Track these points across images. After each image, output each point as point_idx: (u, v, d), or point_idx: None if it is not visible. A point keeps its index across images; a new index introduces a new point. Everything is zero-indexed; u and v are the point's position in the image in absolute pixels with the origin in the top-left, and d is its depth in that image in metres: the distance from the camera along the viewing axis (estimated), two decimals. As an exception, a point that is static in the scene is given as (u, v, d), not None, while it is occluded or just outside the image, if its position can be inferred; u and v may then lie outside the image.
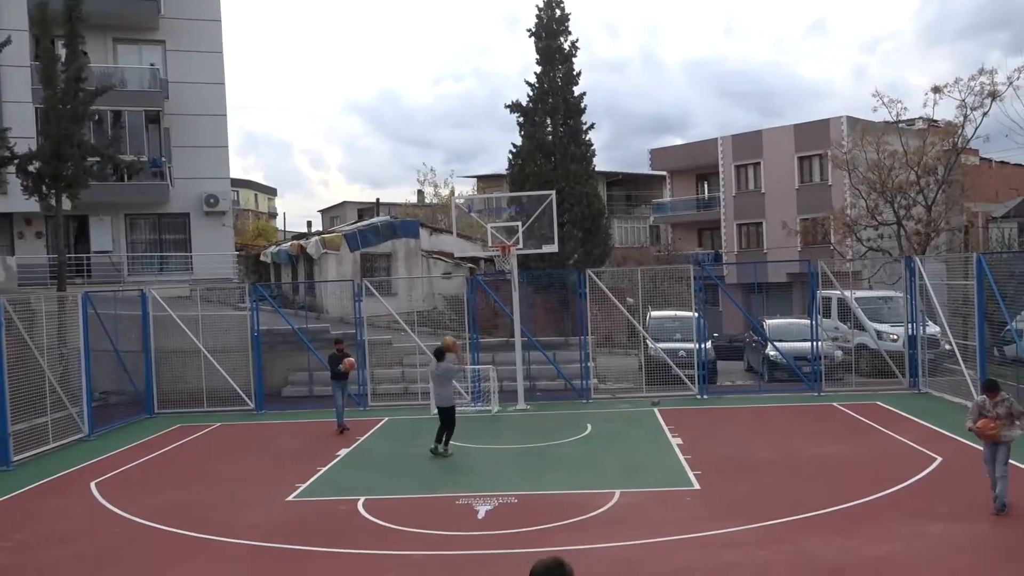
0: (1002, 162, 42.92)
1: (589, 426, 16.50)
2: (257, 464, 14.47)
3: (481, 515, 10.65)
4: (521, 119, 27.83)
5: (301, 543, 9.78)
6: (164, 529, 10.61)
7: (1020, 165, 46.45)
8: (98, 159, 21.98)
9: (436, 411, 14.54)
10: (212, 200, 27.98)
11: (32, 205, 22.93)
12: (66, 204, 21.92)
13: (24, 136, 22.17)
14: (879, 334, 21.13)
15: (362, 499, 11.55)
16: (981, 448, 12.04)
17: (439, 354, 14.68)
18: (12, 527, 11.05)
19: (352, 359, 17.17)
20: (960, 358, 17.57)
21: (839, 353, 21.36)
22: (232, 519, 10.90)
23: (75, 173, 20.77)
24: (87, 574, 9.08)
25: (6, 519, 11.51)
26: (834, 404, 17.85)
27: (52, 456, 15.65)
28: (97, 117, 24.95)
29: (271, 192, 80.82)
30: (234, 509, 11.43)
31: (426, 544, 9.56)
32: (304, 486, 12.53)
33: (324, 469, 13.64)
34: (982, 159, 39.77)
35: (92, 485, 13.16)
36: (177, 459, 15.20)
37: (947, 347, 19.46)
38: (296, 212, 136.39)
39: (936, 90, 28.44)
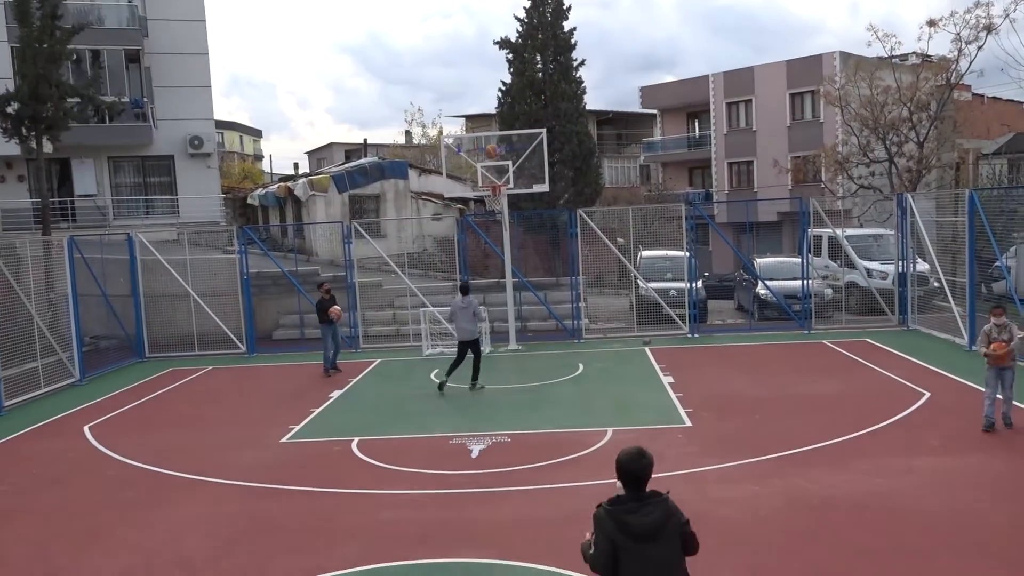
0: (994, 98, 42.55)
1: (581, 365, 16.58)
2: (250, 406, 14.50)
3: (475, 454, 10.72)
4: (510, 56, 27.34)
5: (296, 483, 9.85)
6: (159, 471, 10.66)
7: (1012, 101, 46.05)
8: (78, 100, 21.50)
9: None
10: (196, 142, 27.52)
11: (12, 148, 22.48)
12: (47, 147, 21.51)
13: (1, 77, 21.63)
14: (869, 272, 21.18)
15: (356, 439, 11.61)
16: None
17: (464, 289, 15.06)
18: (6, 471, 11.09)
19: (338, 308, 16.91)
20: (949, 295, 17.65)
21: (829, 291, 21.44)
22: (227, 460, 10.95)
23: (55, 115, 20.35)
24: (83, 516, 9.12)
25: (0, 463, 11.53)
26: (824, 342, 17.97)
27: (44, 401, 15.65)
28: (75, 56, 24.34)
29: (256, 134, 79.71)
30: (229, 450, 11.47)
31: (420, 483, 9.63)
32: (298, 427, 12.58)
33: (318, 411, 13.69)
34: (974, 95, 39.41)
35: (85, 429, 13.18)
36: (170, 402, 15.22)
37: (935, 284, 19.55)
38: (282, 154, 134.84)
39: (931, 23, 28.07)
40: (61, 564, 7.85)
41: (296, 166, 55.14)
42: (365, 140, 46.25)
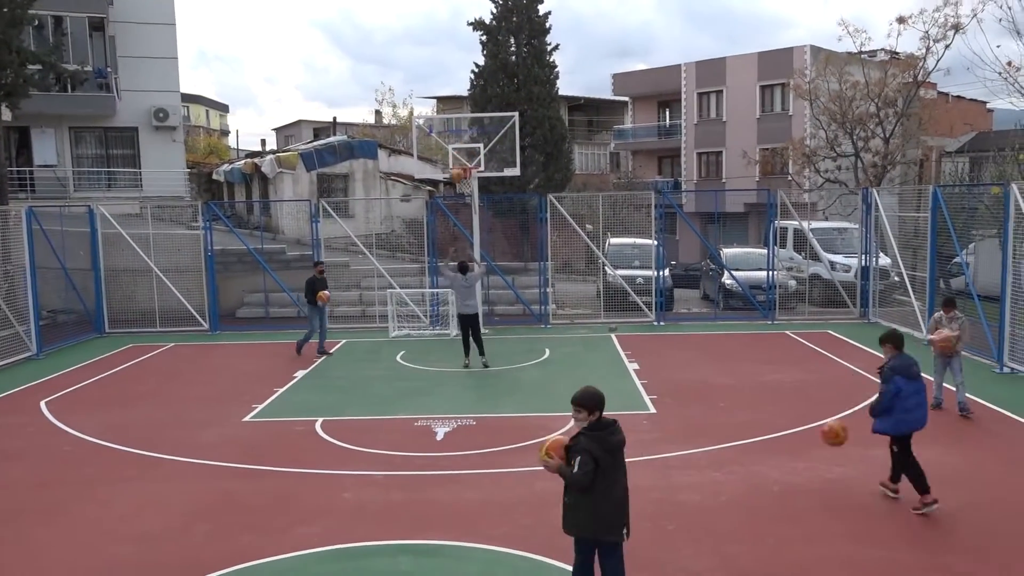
0: (959, 96, 43.28)
1: (547, 351, 16.61)
2: (213, 384, 14.32)
3: (440, 436, 10.71)
4: (484, 38, 27.11)
5: (258, 463, 9.76)
6: (117, 448, 10.49)
7: (976, 100, 46.85)
8: (39, 67, 20.94)
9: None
10: (161, 114, 26.98)
11: (-30, 114, 21.86)
12: (6, 114, 20.94)
13: (-42, 40, 20.96)
14: (832, 265, 21.47)
15: (320, 420, 11.53)
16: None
17: (463, 268, 15.42)
18: (-41, 445, 10.83)
19: (327, 292, 16.63)
20: (910, 289, 17.96)
21: (793, 283, 21.71)
22: (188, 438, 10.81)
23: (15, 81, 19.82)
24: (40, 491, 8.95)
25: (-47, 437, 11.27)
26: (787, 332, 18.20)
27: (-1, 374, 15.32)
28: (37, 22, 23.67)
29: (223, 108, 78.43)
30: (189, 428, 11.32)
31: (384, 464, 9.60)
32: (261, 407, 12.46)
33: (281, 390, 13.57)
34: (940, 93, 40.04)
35: (42, 404, 12.93)
36: (129, 378, 14.97)
37: (896, 279, 19.88)
38: (249, 130, 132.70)
39: (901, 20, 28.39)
40: (14, 539, 7.70)
41: (263, 143, 54.47)
42: (334, 118, 45.70)
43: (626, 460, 5.72)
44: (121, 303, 20.43)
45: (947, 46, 28.22)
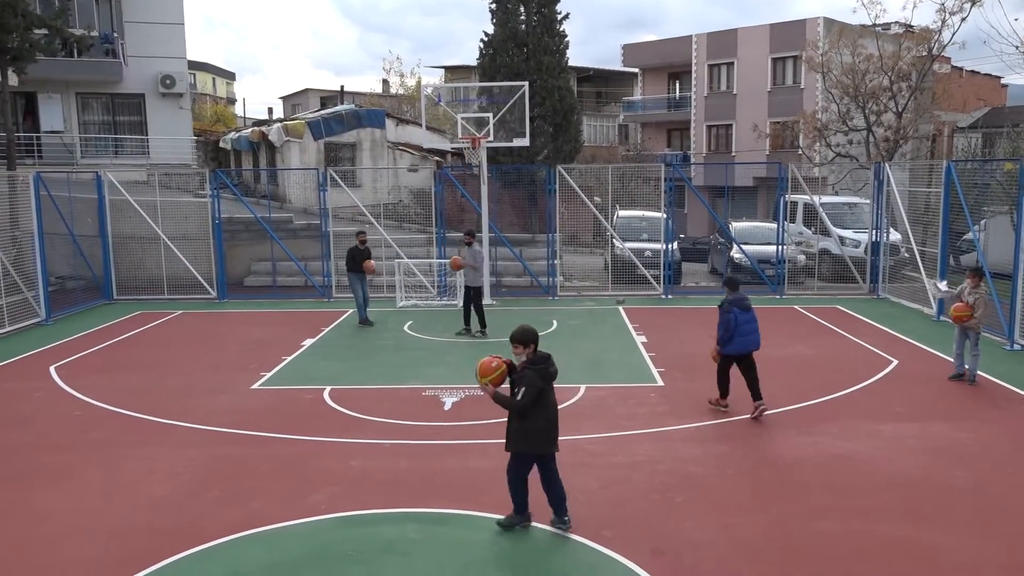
0: (973, 71, 42.75)
1: (555, 322, 16.60)
2: (221, 352, 14.36)
3: (447, 406, 10.73)
4: (494, 6, 26.79)
5: (267, 430, 9.79)
6: (127, 414, 10.54)
7: (990, 75, 46.26)
8: (45, 31, 20.77)
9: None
10: (168, 81, 26.79)
11: (-24, 79, 21.74)
12: (12, 79, 20.82)
13: (-36, 3, 20.78)
14: (842, 240, 21.34)
15: (328, 388, 11.56)
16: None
17: (471, 236, 15.70)
18: (-31, 409, 10.89)
19: (373, 263, 16.52)
20: (920, 265, 17.85)
21: (802, 257, 21.60)
22: (196, 405, 10.86)
23: (20, 46, 19.64)
24: (50, 456, 9.01)
25: (-37, 401, 11.34)
26: (795, 307, 18.14)
27: (8, 339, 15.38)
28: (43, -15, 23.46)
29: (230, 76, 77.88)
30: (198, 395, 11.36)
31: (392, 433, 9.63)
32: (269, 374, 12.49)
33: (289, 358, 13.60)
34: (953, 67, 39.53)
35: (51, 369, 12.99)
36: (138, 345, 15.02)
37: (906, 254, 19.76)
38: (256, 98, 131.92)
39: (917, -8, 27.91)
40: (25, 502, 7.76)
41: (270, 111, 54.17)
42: (342, 87, 45.40)
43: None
44: (129, 270, 20.46)
45: (963, 19, 27.77)
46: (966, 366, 11.46)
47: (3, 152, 21.35)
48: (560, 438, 9.22)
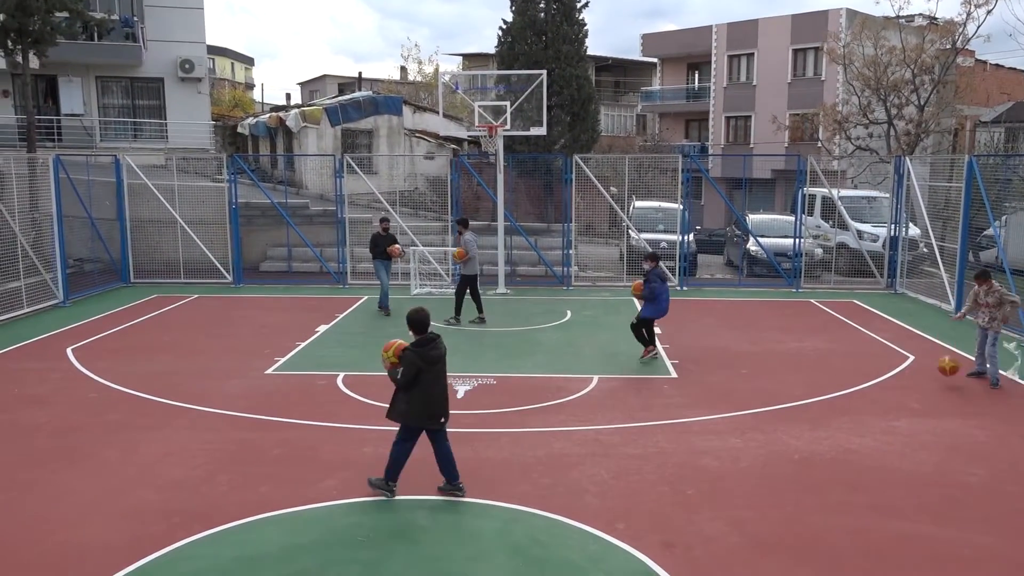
0: (997, 65, 42.19)
1: (569, 312, 16.57)
2: (236, 336, 14.43)
3: (460, 395, 10.74)
4: (513, -7, 26.67)
5: (280, 415, 9.84)
6: (142, 396, 10.62)
7: (1014, 69, 45.66)
8: (66, 14, 20.86)
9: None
10: (187, 65, 26.91)
11: (-2, 62, 21.93)
12: (33, 62, 20.94)
13: (-14, -14, 20.91)
14: (860, 234, 21.16)
15: (341, 374, 11.60)
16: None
17: (464, 226, 15.56)
18: (-12, 389, 11.01)
19: (399, 247, 16.33)
20: (939, 260, 17.67)
21: (819, 251, 21.44)
22: (211, 389, 10.92)
23: (42, 28, 19.76)
24: (66, 436, 9.10)
25: (-18, 381, 11.46)
26: (811, 301, 18.02)
27: (27, 321, 15.52)
28: (64, -31, 23.51)
29: (248, 62, 77.99)
30: (213, 379, 11.44)
31: (405, 420, 9.63)
32: (283, 360, 12.55)
33: (303, 344, 13.65)
34: (977, 61, 39.02)
35: (68, 351, 13.10)
36: (154, 328, 15.12)
37: (924, 249, 19.58)
38: (275, 84, 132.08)
39: (942, -16, 27.54)
40: (41, 482, 7.84)
41: (288, 96, 54.21)
42: (360, 73, 45.41)
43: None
44: (146, 253, 20.59)
45: (989, 11, 27.43)
46: (987, 365, 11.24)
47: (24, 134, 21.51)
48: (572, 428, 9.32)
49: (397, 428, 7.55)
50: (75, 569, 6.22)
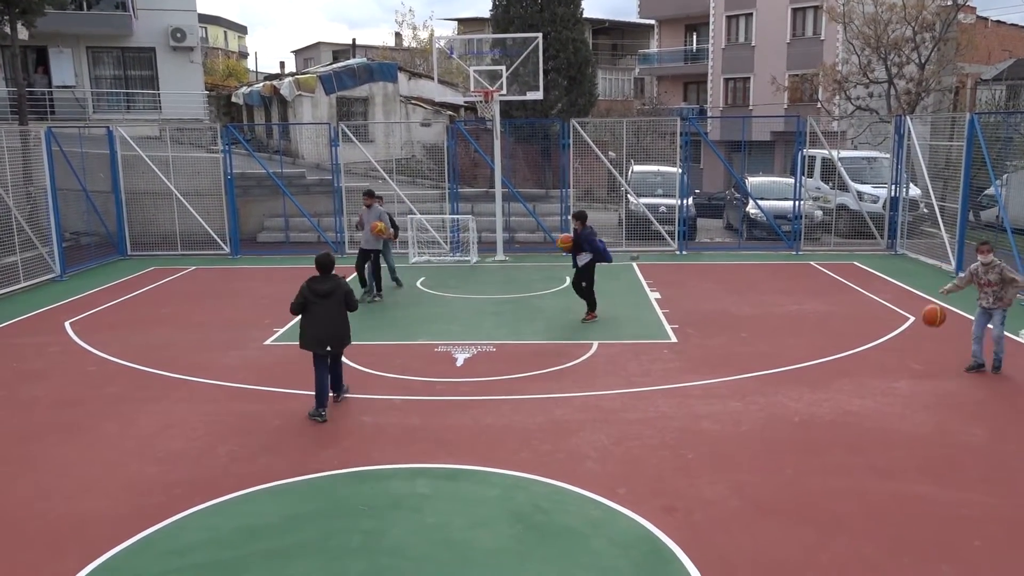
0: (999, 21, 41.64)
1: (567, 278, 16.46)
2: (234, 308, 14.39)
3: (460, 362, 10.72)
4: (507, -45, 26.25)
5: (280, 385, 9.83)
6: (141, 369, 10.60)
7: (1016, 26, 45.09)
8: (54, -17, 20.55)
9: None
10: (179, 35, 26.54)
11: (-15, 33, 21.61)
12: (22, 32, 20.64)
13: (-29, -45, 20.56)
14: (860, 195, 21.03)
15: (340, 345, 11.55)
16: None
17: (371, 198, 14.71)
18: (-14, 364, 10.99)
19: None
20: (940, 220, 17.57)
21: (819, 213, 21.32)
22: (210, 360, 10.90)
23: (29, -2, 19.46)
24: (65, 409, 9.09)
25: (-20, 356, 11.44)
26: (812, 263, 17.96)
27: (24, 295, 15.47)
28: (51, -64, 23.11)
29: (241, 30, 77.22)
30: (212, 350, 11.41)
31: (404, 389, 9.64)
32: (282, 330, 12.51)
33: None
34: (979, 17, 38.51)
35: (66, 324, 13.06)
36: (152, 301, 15.07)
37: (924, 210, 19.46)
38: (269, 53, 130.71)
39: (943, -62, 27.06)
40: (40, 455, 7.84)
41: (282, 65, 53.52)
42: (354, 40, 44.79)
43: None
44: (142, 226, 20.48)
45: (991, -33, 26.97)
46: (995, 352, 9.95)
47: (16, 107, 21.28)
48: (573, 394, 9.31)
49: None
50: (76, 541, 6.23)
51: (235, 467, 7.51)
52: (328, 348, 8.63)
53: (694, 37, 44.80)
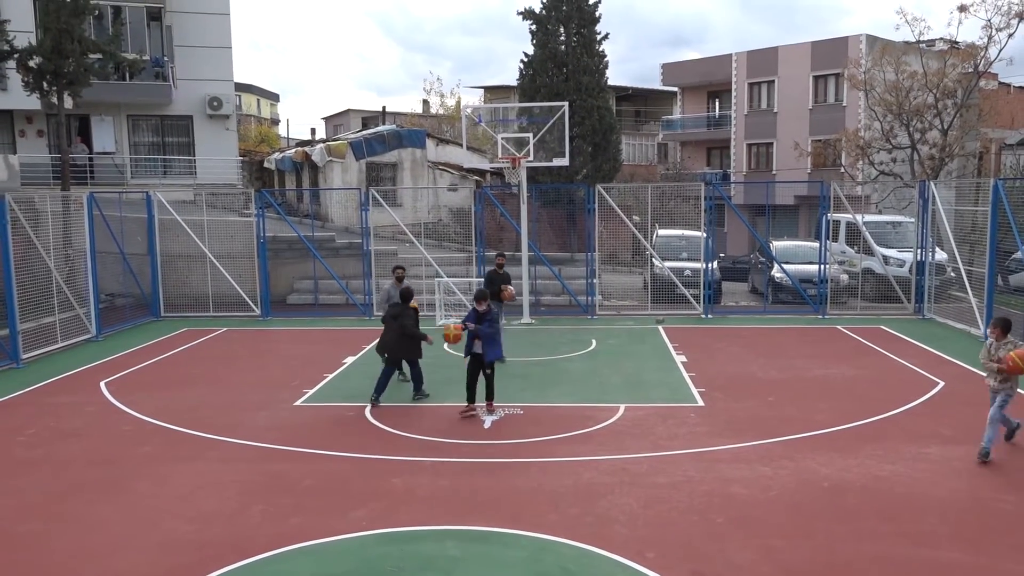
0: (1021, 87, 41.96)
1: (594, 341, 16.59)
2: (264, 369, 14.60)
3: (487, 424, 10.79)
4: (534, 27, 27.03)
5: (309, 446, 9.94)
6: (174, 429, 10.78)
7: (1039, 91, 45.34)
8: (99, 56, 21.47)
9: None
10: (215, 103, 27.49)
11: (33, 102, 22.55)
12: (68, 102, 21.52)
13: (23, 30, 21.62)
14: (886, 259, 21.03)
15: (369, 406, 11.69)
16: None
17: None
18: (25, 422, 11.23)
19: (512, 289, 14.29)
20: (967, 285, 17.52)
21: (845, 277, 21.32)
22: (241, 421, 11.06)
23: (76, 70, 20.32)
24: (100, 468, 9.25)
25: (19, 414, 11.69)
26: (838, 327, 17.91)
27: (61, 355, 15.81)
28: (97, 12, 24.25)
29: (274, 98, 79.45)
30: (243, 411, 11.58)
31: (433, 451, 9.71)
32: (312, 391, 12.67)
33: (331, 376, 13.78)
34: (1000, 83, 38.87)
35: (102, 384, 13.32)
36: (185, 361, 15.34)
37: (952, 274, 19.41)
38: (300, 119, 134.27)
39: (962, 8, 27.62)
40: (76, 513, 7.97)
41: (313, 131, 55.04)
42: (383, 107, 46.05)
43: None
44: (176, 288, 20.93)
45: (1011, 35, 27.43)
46: (1016, 422, 9.60)
47: (58, 173, 22.05)
48: (600, 457, 9.33)
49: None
50: (112, 600, 6.30)
51: (267, 527, 7.59)
52: (385, 355, 11.91)
53: (717, 103, 45.51)
